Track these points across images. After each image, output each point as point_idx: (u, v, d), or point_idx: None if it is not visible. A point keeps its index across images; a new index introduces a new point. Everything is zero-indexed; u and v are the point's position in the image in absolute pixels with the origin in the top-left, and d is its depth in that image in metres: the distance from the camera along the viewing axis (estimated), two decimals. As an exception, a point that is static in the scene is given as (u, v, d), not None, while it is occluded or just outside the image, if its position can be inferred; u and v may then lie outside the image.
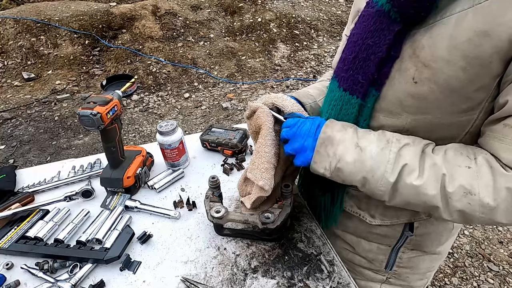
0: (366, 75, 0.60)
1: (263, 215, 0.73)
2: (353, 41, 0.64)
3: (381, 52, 0.57)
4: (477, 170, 0.52)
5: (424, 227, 0.74)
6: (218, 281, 0.71)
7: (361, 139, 0.60)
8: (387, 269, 0.82)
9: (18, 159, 2.73)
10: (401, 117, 0.60)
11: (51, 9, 4.15)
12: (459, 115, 0.55)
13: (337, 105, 0.68)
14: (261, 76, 3.82)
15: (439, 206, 0.54)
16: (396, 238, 0.76)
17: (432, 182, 0.54)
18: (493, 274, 1.80)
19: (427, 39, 0.53)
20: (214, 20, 4.49)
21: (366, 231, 0.79)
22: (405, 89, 0.57)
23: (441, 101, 0.54)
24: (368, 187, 0.60)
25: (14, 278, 0.74)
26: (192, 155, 1.12)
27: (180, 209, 0.91)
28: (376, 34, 0.58)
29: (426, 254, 0.80)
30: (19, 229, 0.83)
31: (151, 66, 3.79)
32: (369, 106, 0.62)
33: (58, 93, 3.49)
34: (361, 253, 0.84)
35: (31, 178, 1.05)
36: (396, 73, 0.58)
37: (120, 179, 0.92)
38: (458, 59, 0.50)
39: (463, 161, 0.53)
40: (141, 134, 3.00)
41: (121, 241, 0.78)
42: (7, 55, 3.81)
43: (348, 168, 0.59)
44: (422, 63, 0.54)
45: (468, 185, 0.51)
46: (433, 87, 0.53)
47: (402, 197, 0.57)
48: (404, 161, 0.55)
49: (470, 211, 0.52)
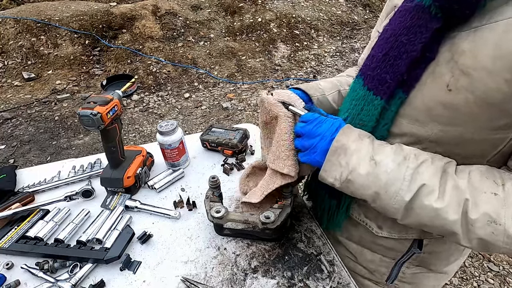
0: (395, 75, 0.56)
1: (263, 215, 0.73)
2: (385, 38, 0.59)
3: (415, 51, 0.52)
4: (505, 198, 0.49)
5: (434, 245, 0.70)
6: (218, 281, 0.71)
7: (377, 152, 0.57)
8: (388, 282, 0.79)
9: (18, 159, 2.73)
10: (427, 127, 0.55)
11: (51, 9, 4.15)
12: (494, 132, 0.51)
13: (359, 105, 0.64)
14: (261, 76, 3.82)
15: (458, 233, 0.51)
16: (402, 252, 0.72)
17: (454, 207, 0.50)
18: (493, 274, 1.80)
19: (469, 43, 0.48)
20: (214, 20, 4.49)
21: (371, 242, 0.76)
22: (437, 96, 0.52)
23: (476, 114, 0.49)
24: (380, 203, 0.57)
25: (14, 278, 0.74)
26: (192, 155, 1.13)
27: (180, 209, 0.91)
28: (412, 31, 0.53)
29: (432, 272, 0.76)
30: (19, 229, 0.83)
31: (151, 66, 3.79)
32: (392, 110, 0.58)
33: (58, 93, 3.49)
34: (363, 263, 0.81)
35: (31, 178, 1.05)
36: (428, 78, 0.53)
37: (120, 179, 0.92)
38: (503, 71, 0.45)
39: (489, 187, 0.50)
40: (141, 134, 3.00)
41: (121, 241, 0.78)
42: (7, 55, 3.81)
43: (360, 180, 0.56)
44: (460, 70, 0.49)
45: (494, 214, 0.48)
46: (469, 97, 0.48)
47: (418, 218, 0.54)
48: (422, 180, 0.52)
49: (493, 240, 0.49)
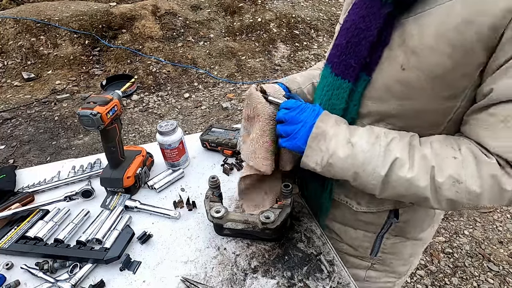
0: (358, 59, 0.62)
1: (263, 215, 0.73)
2: (346, 28, 0.66)
3: (372, 36, 0.59)
4: (463, 160, 0.55)
5: (408, 214, 0.77)
6: (218, 281, 0.71)
7: (352, 135, 0.62)
8: (372, 255, 0.85)
9: (18, 159, 2.73)
10: (388, 103, 0.62)
11: (51, 9, 4.15)
12: (443, 102, 0.58)
13: (329, 91, 0.70)
14: (261, 76, 3.82)
15: (429, 197, 0.57)
16: (381, 224, 0.79)
17: (423, 174, 0.56)
18: (493, 274, 1.80)
19: (416, 27, 0.55)
20: (214, 20, 4.49)
21: (353, 219, 0.81)
22: (394, 75, 0.59)
23: (426, 87, 0.56)
24: (360, 181, 0.62)
25: (14, 278, 0.74)
26: (192, 155, 1.12)
27: (180, 209, 0.91)
28: (368, 19, 0.60)
29: (409, 240, 0.83)
30: (19, 229, 0.83)
31: (151, 66, 3.79)
32: (359, 91, 0.64)
33: (58, 93, 3.49)
34: (347, 241, 0.86)
35: (31, 178, 1.05)
36: (386, 60, 0.60)
37: (120, 179, 0.92)
38: (444, 47, 0.52)
39: (449, 152, 0.56)
40: (141, 134, 3.00)
41: (121, 241, 0.78)
42: (7, 55, 3.81)
43: (340, 163, 0.61)
44: (410, 51, 0.56)
45: (456, 175, 0.54)
46: (419, 74, 0.55)
47: (394, 190, 0.59)
48: (395, 155, 0.58)
49: (458, 198, 0.55)
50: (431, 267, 1.85)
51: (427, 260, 1.89)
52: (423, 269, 1.84)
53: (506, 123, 0.51)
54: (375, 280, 0.92)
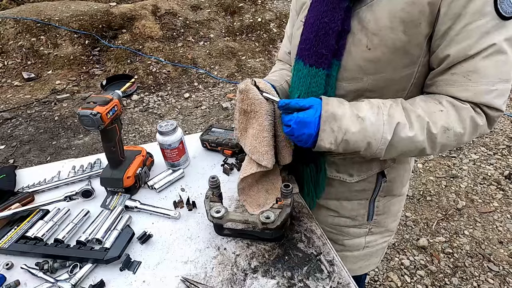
0: (329, 47, 0.71)
1: (263, 215, 0.73)
2: (310, 23, 0.75)
3: (337, 26, 0.69)
4: (447, 111, 0.66)
5: (392, 173, 0.88)
6: (218, 281, 0.71)
7: (358, 110, 0.68)
8: (369, 220, 0.96)
9: (18, 159, 2.73)
10: (362, 80, 0.72)
11: (51, 9, 4.15)
12: (405, 69, 0.69)
13: (306, 81, 0.77)
14: (261, 76, 3.81)
15: (426, 147, 0.68)
16: (372, 189, 0.89)
17: (421, 130, 0.66)
18: (493, 274, 1.80)
19: (371, 14, 0.67)
20: (214, 20, 4.49)
21: (347, 191, 0.91)
22: (362, 56, 0.69)
23: (391, 59, 0.68)
24: (370, 150, 0.69)
25: (14, 278, 0.74)
26: (192, 155, 1.12)
27: (180, 209, 0.91)
28: (330, 13, 0.70)
29: (395, 196, 0.95)
30: (19, 229, 0.83)
31: (151, 66, 3.79)
32: (334, 75, 0.73)
33: (58, 93, 3.49)
34: (345, 214, 0.95)
35: (31, 178, 1.05)
36: (351, 46, 0.70)
37: (120, 179, 0.92)
38: (398, 25, 0.64)
39: (435, 107, 0.67)
40: (141, 134, 3.00)
41: (121, 241, 0.78)
42: (7, 55, 3.81)
43: (354, 137, 0.68)
44: (371, 33, 0.67)
45: (445, 123, 0.66)
46: (384, 49, 0.67)
47: (398, 149, 0.68)
48: (396, 119, 0.66)
49: (448, 142, 0.67)
50: (431, 267, 1.85)
51: (427, 260, 1.89)
52: (423, 269, 1.84)
53: (467, 77, 0.64)
54: (374, 244, 1.02)
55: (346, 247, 1.01)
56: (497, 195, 2.26)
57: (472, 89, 0.64)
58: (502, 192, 2.28)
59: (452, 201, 2.25)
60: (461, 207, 2.20)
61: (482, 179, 2.40)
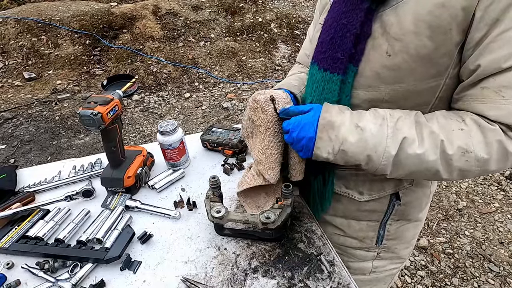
0: (345, 51, 0.65)
1: (263, 215, 0.73)
2: (328, 25, 0.69)
3: (355, 29, 0.63)
4: (469, 130, 0.58)
5: (407, 195, 0.79)
6: (218, 281, 0.71)
7: (359, 119, 0.63)
8: (378, 244, 0.87)
9: (19, 158, 2.74)
10: (379, 89, 0.65)
11: (52, 9, 4.16)
12: (429, 81, 0.61)
13: (319, 86, 0.72)
14: (262, 76, 3.82)
15: (440, 170, 0.59)
16: (384, 211, 0.81)
17: (433, 149, 0.59)
18: (493, 274, 1.79)
19: (394, 17, 0.59)
20: (215, 20, 4.49)
21: (356, 210, 0.83)
22: (381, 62, 0.62)
23: (413, 68, 0.60)
24: (372, 164, 0.63)
25: (14, 278, 0.74)
26: (192, 155, 1.13)
27: (181, 209, 0.91)
28: (349, 14, 0.64)
29: (410, 222, 0.86)
30: (19, 228, 0.83)
31: (152, 66, 3.79)
32: (349, 82, 0.67)
33: (59, 93, 3.49)
34: (352, 234, 0.88)
35: (32, 177, 1.06)
36: (370, 50, 0.63)
37: (120, 179, 0.93)
38: (424, 30, 0.56)
39: (455, 125, 0.59)
40: (142, 134, 3.00)
41: (122, 241, 0.78)
42: (8, 55, 3.81)
43: (352, 148, 0.62)
44: (393, 38, 0.60)
45: (465, 145, 0.57)
46: (405, 57, 0.59)
47: (406, 168, 0.61)
48: (403, 133, 0.60)
49: (468, 167, 0.58)
50: (432, 268, 1.85)
51: (428, 261, 1.89)
52: (423, 269, 1.84)
53: (499, 93, 0.55)
54: (381, 270, 0.94)
55: (351, 269, 0.93)
56: (497, 195, 2.26)
57: (505, 107, 0.55)
58: (502, 192, 2.28)
59: (453, 202, 2.24)
60: (462, 207, 2.19)
61: (482, 180, 2.40)
